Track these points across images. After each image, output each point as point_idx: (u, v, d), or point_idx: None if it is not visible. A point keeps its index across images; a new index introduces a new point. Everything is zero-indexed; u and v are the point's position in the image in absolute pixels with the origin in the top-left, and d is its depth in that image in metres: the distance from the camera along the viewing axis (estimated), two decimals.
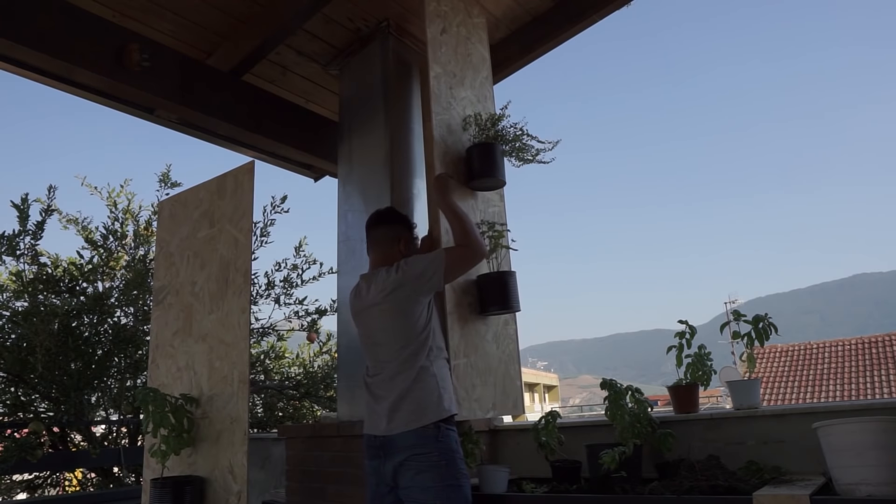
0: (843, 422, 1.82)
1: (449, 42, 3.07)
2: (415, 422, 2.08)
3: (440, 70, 2.94)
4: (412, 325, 2.20)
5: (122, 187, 4.85)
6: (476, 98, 3.15)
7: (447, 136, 2.85)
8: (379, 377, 2.25)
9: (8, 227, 4.16)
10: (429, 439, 2.06)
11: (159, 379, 3.17)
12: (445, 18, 3.09)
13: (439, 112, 2.86)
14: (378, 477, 2.18)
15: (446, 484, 2.01)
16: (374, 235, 2.45)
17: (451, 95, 2.97)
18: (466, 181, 2.85)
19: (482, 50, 3.34)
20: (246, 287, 2.90)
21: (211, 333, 2.96)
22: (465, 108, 3.03)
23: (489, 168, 2.80)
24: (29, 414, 4.16)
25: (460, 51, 3.13)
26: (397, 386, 2.16)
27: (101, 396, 4.51)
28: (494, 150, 2.84)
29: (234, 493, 2.67)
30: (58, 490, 4.63)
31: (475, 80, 3.20)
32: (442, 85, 2.93)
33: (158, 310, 3.30)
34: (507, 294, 2.71)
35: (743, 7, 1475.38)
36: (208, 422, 2.86)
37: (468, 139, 2.94)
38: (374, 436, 2.20)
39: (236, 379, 2.80)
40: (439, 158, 2.76)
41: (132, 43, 3.14)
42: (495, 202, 3.05)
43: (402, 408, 2.12)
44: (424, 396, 2.12)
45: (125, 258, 4.72)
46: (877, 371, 17.74)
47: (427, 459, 2.04)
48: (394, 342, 2.22)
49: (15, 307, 4.23)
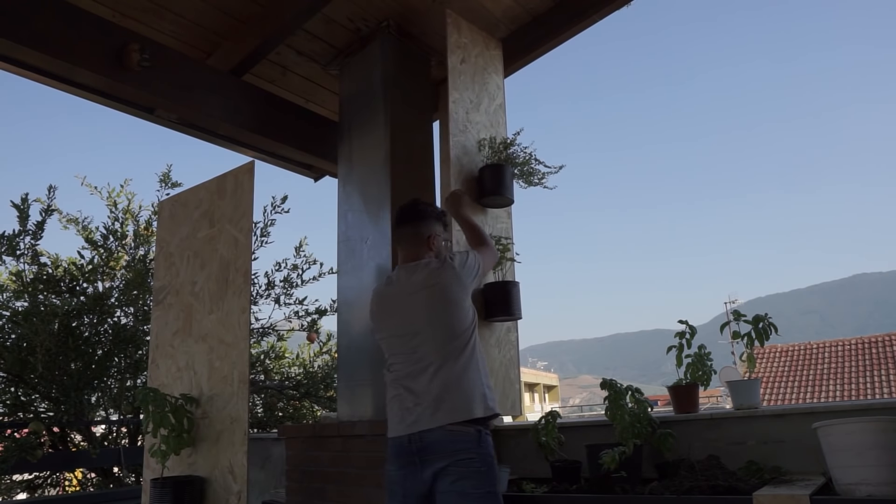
0: (843, 422, 1.82)
1: (467, 71, 3.34)
2: (463, 413, 2.03)
3: (458, 96, 3.22)
4: (462, 318, 2.18)
5: (122, 187, 4.85)
6: (490, 123, 3.38)
7: (462, 156, 3.12)
8: (418, 371, 2.13)
9: (8, 227, 4.17)
10: (471, 444, 2.02)
11: (159, 379, 3.17)
12: (465, 49, 3.36)
13: (456, 134, 3.12)
14: (407, 487, 2.06)
15: (485, 491, 1.99)
16: (408, 229, 2.38)
17: (467, 120, 3.24)
18: (478, 198, 3.09)
19: (497, 79, 3.57)
20: (246, 287, 2.90)
21: (211, 333, 2.97)
22: (480, 132, 3.28)
23: (499, 187, 3.05)
24: (29, 414, 4.16)
25: (477, 79, 3.40)
26: (443, 378, 2.08)
27: (101, 396, 4.51)
28: (505, 171, 3.09)
29: (234, 493, 2.67)
30: (58, 490, 4.63)
31: (490, 106, 3.43)
32: (460, 110, 3.20)
33: (158, 310, 3.30)
34: (511, 303, 2.93)
35: (744, 8, 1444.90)
36: (208, 422, 2.87)
37: (481, 160, 3.18)
38: (411, 438, 2.06)
39: (236, 379, 2.80)
40: (455, 176, 3.03)
41: (132, 43, 3.13)
42: (503, 219, 3.28)
43: (448, 399, 2.05)
44: (472, 389, 2.08)
45: (125, 258, 4.72)
46: (877, 371, 17.74)
47: (468, 465, 2.00)
48: (442, 333, 2.15)
49: (15, 307, 4.23)
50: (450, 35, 3.26)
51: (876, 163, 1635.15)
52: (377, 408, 3.04)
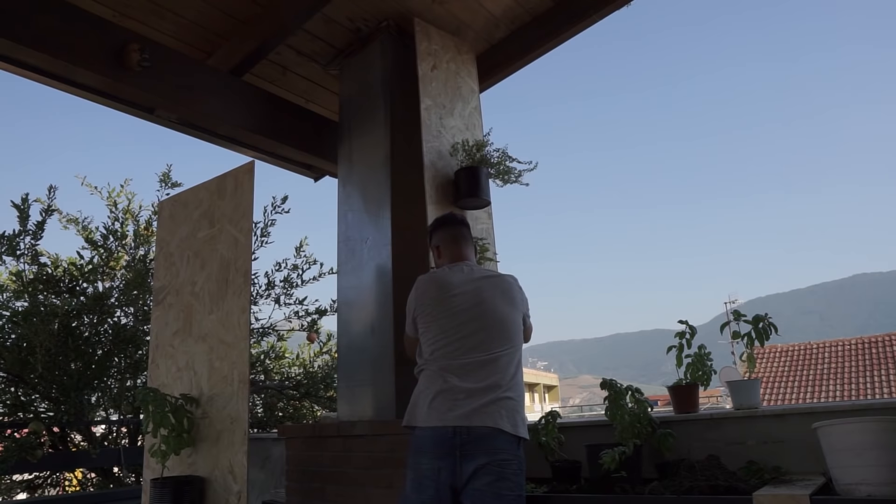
0: (843, 422, 1.82)
1: (439, 77, 3.40)
2: (512, 428, 2.05)
3: (430, 102, 3.28)
4: (519, 330, 2.28)
5: (122, 187, 4.85)
6: (465, 126, 3.43)
7: (437, 161, 3.18)
8: (475, 365, 2.11)
9: (8, 228, 4.17)
10: (512, 446, 2.05)
11: (159, 379, 3.17)
12: (436, 56, 3.44)
13: (429, 140, 3.18)
14: (442, 481, 2.02)
15: (517, 494, 2.03)
16: (466, 231, 2.49)
17: (440, 125, 3.29)
18: (454, 201, 3.16)
19: (471, 83, 3.62)
20: (246, 287, 2.90)
21: (211, 333, 2.97)
22: (455, 136, 3.33)
23: (474, 189, 3.11)
24: (29, 414, 4.16)
25: (450, 84, 3.44)
26: (498, 378, 2.10)
27: (101, 396, 4.51)
28: (479, 172, 3.14)
29: (234, 493, 2.67)
30: (58, 490, 4.63)
31: (464, 110, 3.48)
32: (432, 116, 3.26)
33: (158, 310, 3.31)
34: None
35: (744, 9, 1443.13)
36: (208, 422, 2.87)
37: (456, 164, 3.22)
38: (457, 430, 2.02)
39: (236, 379, 2.81)
40: (430, 182, 3.07)
41: (132, 43, 3.14)
42: (483, 220, 3.33)
43: (502, 400, 2.07)
44: (520, 407, 2.13)
45: (125, 258, 4.71)
46: (877, 371, 17.74)
47: (509, 467, 2.01)
48: (506, 336, 2.19)
49: (15, 307, 4.23)
50: (419, 43, 3.33)
51: (876, 163, 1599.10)
52: (377, 408, 3.04)
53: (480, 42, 3.74)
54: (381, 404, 3.02)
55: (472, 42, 3.71)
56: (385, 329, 3.09)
